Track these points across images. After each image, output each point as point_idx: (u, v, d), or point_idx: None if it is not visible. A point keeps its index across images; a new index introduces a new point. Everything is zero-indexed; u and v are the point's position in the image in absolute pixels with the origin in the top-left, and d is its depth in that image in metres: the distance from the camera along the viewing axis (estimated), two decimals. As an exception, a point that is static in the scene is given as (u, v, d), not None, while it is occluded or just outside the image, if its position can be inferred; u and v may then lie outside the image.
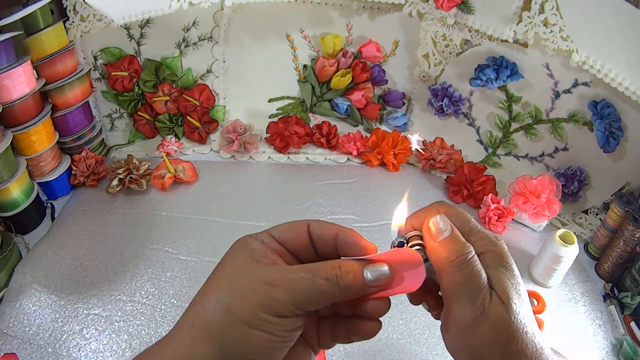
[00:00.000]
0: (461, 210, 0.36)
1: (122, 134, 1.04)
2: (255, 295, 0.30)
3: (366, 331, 0.34)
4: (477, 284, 0.32)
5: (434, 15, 0.92)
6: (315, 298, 0.30)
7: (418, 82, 1.05)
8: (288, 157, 1.04)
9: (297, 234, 0.34)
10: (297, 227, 0.35)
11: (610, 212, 0.78)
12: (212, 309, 0.30)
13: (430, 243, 0.34)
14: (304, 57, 1.07)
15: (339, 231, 0.34)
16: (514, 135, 0.96)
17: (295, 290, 0.30)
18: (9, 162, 0.77)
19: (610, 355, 0.67)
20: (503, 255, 0.33)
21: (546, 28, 0.78)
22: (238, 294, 0.30)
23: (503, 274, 0.32)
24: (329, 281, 0.31)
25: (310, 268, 0.31)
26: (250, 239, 0.34)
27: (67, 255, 0.77)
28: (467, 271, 0.32)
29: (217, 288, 0.31)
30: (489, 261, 0.33)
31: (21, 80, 0.75)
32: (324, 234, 0.34)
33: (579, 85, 0.83)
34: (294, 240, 0.34)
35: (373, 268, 0.32)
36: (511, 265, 0.33)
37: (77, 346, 0.64)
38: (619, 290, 0.75)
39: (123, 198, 0.89)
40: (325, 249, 0.34)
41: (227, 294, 0.30)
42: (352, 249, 0.33)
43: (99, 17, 0.85)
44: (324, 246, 0.34)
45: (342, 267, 0.31)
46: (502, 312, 0.31)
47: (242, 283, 0.30)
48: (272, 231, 0.35)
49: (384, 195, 0.94)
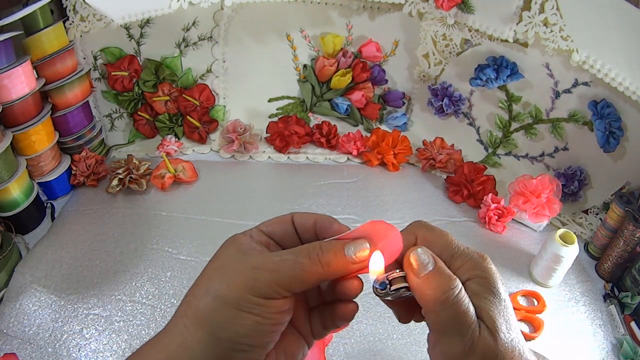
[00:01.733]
0: (441, 231, 0.34)
1: (122, 134, 1.04)
2: (241, 278, 0.31)
3: (344, 312, 0.35)
4: (466, 321, 0.30)
5: (434, 15, 0.92)
6: (300, 277, 0.31)
7: (418, 82, 1.05)
8: (288, 157, 1.04)
9: (282, 225, 0.36)
10: (282, 219, 0.37)
11: (610, 212, 0.78)
12: (202, 295, 0.31)
13: (413, 280, 0.32)
14: (304, 56, 1.07)
15: (317, 218, 0.36)
16: (514, 135, 0.96)
17: (279, 271, 0.31)
18: (9, 162, 0.77)
19: (610, 355, 0.67)
20: (489, 279, 0.32)
21: (546, 28, 0.78)
22: (225, 279, 0.31)
23: (490, 302, 0.31)
24: (311, 260, 0.31)
25: (292, 250, 0.33)
26: (239, 235, 0.36)
27: (67, 255, 0.77)
28: (454, 309, 0.30)
29: (207, 277, 0.33)
30: (475, 288, 0.32)
31: (21, 80, 0.75)
32: (305, 222, 0.36)
33: (579, 85, 0.83)
34: (280, 231, 0.36)
35: (353, 243, 0.33)
36: (498, 289, 0.32)
37: (77, 346, 0.64)
38: (619, 290, 0.75)
39: (123, 198, 0.89)
40: (308, 236, 0.36)
41: (215, 281, 0.32)
42: (329, 232, 0.35)
43: (99, 17, 0.85)
44: (306, 234, 0.36)
45: (322, 247, 0.32)
46: (490, 344, 0.30)
47: (229, 270, 0.32)
48: (260, 226, 0.37)
49: (384, 195, 0.94)
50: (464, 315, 0.30)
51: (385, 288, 0.33)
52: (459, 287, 0.31)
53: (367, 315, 0.70)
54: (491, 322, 0.31)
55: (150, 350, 0.32)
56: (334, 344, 0.65)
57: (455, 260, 0.33)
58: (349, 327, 0.67)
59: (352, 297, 0.35)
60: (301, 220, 0.36)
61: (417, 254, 0.32)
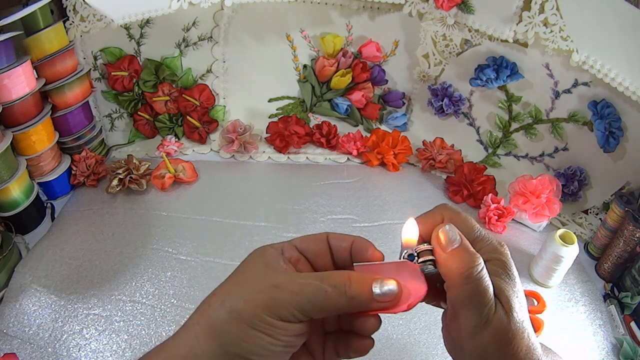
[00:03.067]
0: (466, 215, 0.36)
1: (122, 134, 1.04)
2: (260, 296, 0.30)
3: (359, 347, 0.35)
4: (486, 297, 0.32)
5: (434, 15, 0.92)
6: (320, 305, 0.30)
7: (418, 82, 1.05)
8: (288, 157, 1.04)
9: (317, 243, 0.36)
10: (318, 237, 0.36)
11: (610, 212, 0.78)
12: (217, 307, 0.31)
13: (440, 254, 0.34)
14: (304, 57, 1.07)
15: (354, 240, 0.35)
16: (514, 135, 0.96)
17: (300, 294, 0.30)
18: (9, 162, 0.77)
19: (610, 355, 0.67)
20: (506, 263, 0.34)
21: (546, 28, 0.78)
22: (243, 295, 0.30)
23: (506, 283, 0.33)
24: (336, 289, 0.31)
25: (319, 275, 0.32)
26: (268, 247, 0.35)
27: (67, 255, 0.77)
28: (476, 285, 0.32)
29: (226, 289, 0.32)
30: (494, 269, 0.34)
31: (21, 80, 0.75)
32: (341, 243, 0.35)
33: (579, 85, 0.83)
34: (313, 249, 0.35)
35: (382, 283, 0.32)
36: (513, 273, 0.34)
37: (77, 346, 0.64)
38: (619, 290, 0.75)
39: (123, 198, 0.89)
40: (342, 258, 0.35)
41: (233, 294, 0.31)
42: (364, 256, 0.35)
43: (99, 17, 0.85)
44: (341, 255, 0.35)
45: (351, 278, 0.32)
46: (504, 321, 0.32)
47: (249, 285, 0.31)
48: (294, 240, 0.36)
49: (384, 195, 0.94)
50: (485, 291, 0.32)
51: (413, 260, 0.35)
52: (482, 265, 0.33)
53: (367, 315, 0.70)
54: (507, 302, 0.33)
55: (157, 356, 0.31)
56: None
57: (477, 243, 0.35)
58: (349, 327, 0.67)
59: (369, 333, 0.35)
60: (337, 241, 0.36)
61: (446, 230, 0.34)
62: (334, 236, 0.36)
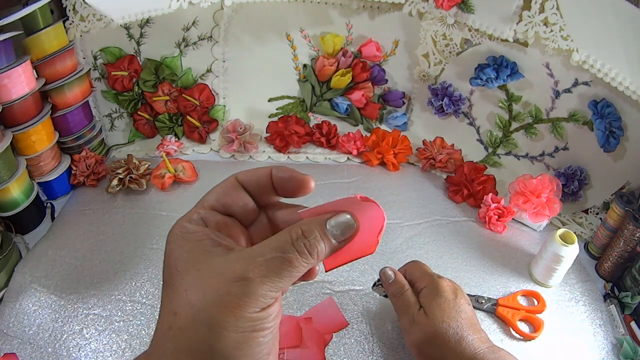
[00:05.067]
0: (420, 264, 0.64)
1: (122, 134, 1.04)
2: (231, 297, 0.26)
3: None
4: (409, 306, 0.58)
5: (434, 14, 0.92)
6: (291, 275, 0.27)
7: (418, 82, 1.05)
8: (288, 157, 1.04)
9: (231, 192, 0.31)
10: (227, 186, 0.32)
11: (611, 212, 0.78)
12: (192, 327, 0.26)
13: (384, 284, 0.63)
14: (304, 56, 1.07)
15: (272, 170, 0.31)
16: (514, 135, 0.96)
17: (268, 276, 0.26)
18: (9, 162, 0.77)
19: (610, 355, 0.67)
20: (437, 287, 0.58)
21: (546, 27, 0.78)
22: (212, 302, 0.26)
23: (431, 299, 0.57)
24: (300, 253, 0.27)
25: (274, 245, 0.27)
26: (185, 223, 0.30)
27: (67, 255, 0.77)
28: (402, 299, 0.60)
29: (185, 300, 0.26)
30: (425, 292, 0.59)
31: (21, 80, 0.75)
32: (258, 180, 0.31)
33: (579, 85, 0.83)
34: (234, 203, 0.31)
35: (335, 220, 0.29)
36: (443, 293, 0.57)
37: (77, 346, 0.64)
38: (619, 290, 0.75)
39: (123, 198, 0.89)
40: (265, 196, 0.32)
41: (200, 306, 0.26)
42: (290, 184, 0.31)
43: (98, 17, 0.85)
44: (263, 194, 0.32)
45: (305, 232, 0.28)
46: (424, 320, 0.55)
47: (209, 286, 0.26)
48: (204, 202, 0.31)
49: (384, 195, 0.93)
50: (408, 302, 0.58)
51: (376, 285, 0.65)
52: (406, 288, 0.60)
53: (367, 315, 0.70)
54: (427, 308, 0.56)
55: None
56: (334, 344, 0.65)
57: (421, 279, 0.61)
58: (349, 327, 0.67)
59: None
60: (251, 178, 0.31)
61: (385, 271, 0.63)
62: (245, 175, 0.32)
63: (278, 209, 0.33)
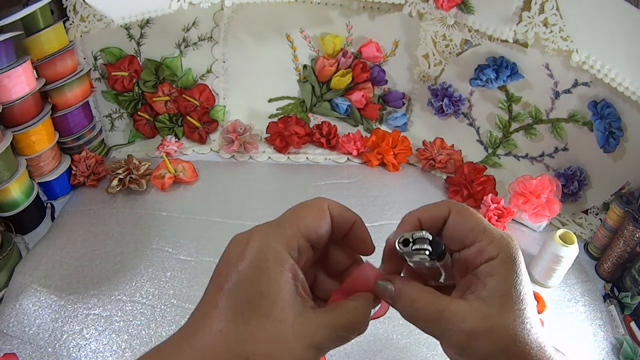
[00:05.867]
0: (472, 210, 0.36)
1: (122, 134, 1.04)
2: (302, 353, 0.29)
3: None
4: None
5: (434, 15, 0.92)
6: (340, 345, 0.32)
7: (418, 82, 1.05)
8: (288, 157, 1.04)
9: (324, 224, 0.33)
10: (323, 216, 0.33)
11: (610, 212, 0.78)
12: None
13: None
14: (304, 57, 1.07)
15: (357, 219, 0.35)
16: (514, 135, 0.96)
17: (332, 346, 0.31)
18: (9, 162, 0.77)
19: (610, 355, 0.67)
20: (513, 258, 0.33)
21: (546, 28, 0.78)
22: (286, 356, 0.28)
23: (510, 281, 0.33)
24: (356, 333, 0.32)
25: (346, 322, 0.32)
26: (280, 247, 0.31)
27: (67, 255, 0.77)
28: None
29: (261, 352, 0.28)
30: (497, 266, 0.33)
31: (21, 80, 0.75)
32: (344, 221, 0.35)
33: (579, 85, 0.83)
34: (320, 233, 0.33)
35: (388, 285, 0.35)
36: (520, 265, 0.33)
37: (77, 346, 0.64)
38: (619, 290, 0.75)
39: (123, 198, 0.89)
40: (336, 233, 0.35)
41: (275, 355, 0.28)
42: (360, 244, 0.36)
43: (99, 17, 0.85)
44: (337, 232, 0.35)
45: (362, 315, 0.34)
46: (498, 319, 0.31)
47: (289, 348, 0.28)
48: (303, 226, 0.32)
49: (384, 195, 0.93)
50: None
51: (408, 245, 0.33)
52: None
53: (367, 315, 0.70)
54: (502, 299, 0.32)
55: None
56: (334, 344, 0.65)
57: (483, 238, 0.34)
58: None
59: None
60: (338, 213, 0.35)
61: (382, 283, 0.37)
62: (337, 211, 0.34)
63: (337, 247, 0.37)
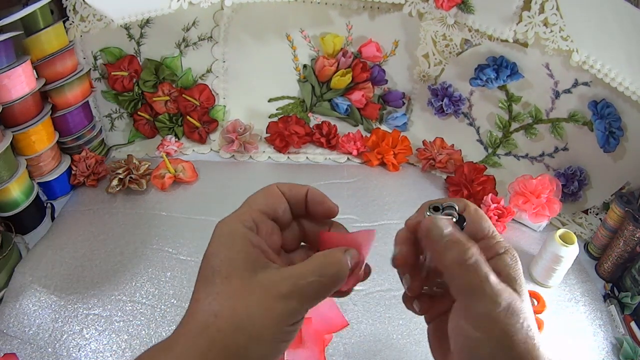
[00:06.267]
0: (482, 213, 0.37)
1: (122, 134, 1.04)
2: (273, 313, 0.29)
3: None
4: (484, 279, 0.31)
5: (434, 15, 0.92)
6: (324, 297, 0.31)
7: (418, 82, 1.05)
8: (288, 157, 1.04)
9: (278, 199, 0.35)
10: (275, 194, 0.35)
11: (610, 212, 0.78)
12: (231, 332, 0.28)
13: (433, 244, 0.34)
14: (304, 57, 1.07)
15: (308, 189, 0.36)
16: (514, 135, 0.96)
17: (306, 295, 0.30)
18: (9, 162, 0.77)
19: (610, 355, 0.67)
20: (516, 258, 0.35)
21: (546, 28, 0.78)
22: (255, 314, 0.29)
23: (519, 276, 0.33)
24: (331, 278, 0.31)
25: (314, 269, 0.31)
26: (237, 224, 0.32)
27: (67, 255, 0.77)
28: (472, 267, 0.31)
29: (228, 305, 0.29)
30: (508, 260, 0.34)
31: (21, 80, 0.75)
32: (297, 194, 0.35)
33: (579, 85, 0.83)
34: (280, 208, 0.35)
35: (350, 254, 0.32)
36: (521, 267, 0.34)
37: (77, 346, 0.64)
38: (619, 290, 0.75)
39: (123, 198, 0.89)
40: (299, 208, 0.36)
41: (243, 314, 0.29)
42: (320, 207, 0.36)
43: (99, 17, 0.85)
44: (296, 207, 0.36)
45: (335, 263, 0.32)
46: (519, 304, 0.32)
47: (254, 298, 0.29)
48: (255, 204, 0.34)
49: (384, 195, 0.93)
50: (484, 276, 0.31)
51: (438, 210, 0.35)
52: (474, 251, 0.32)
53: (367, 315, 0.70)
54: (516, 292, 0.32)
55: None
56: (333, 344, 0.66)
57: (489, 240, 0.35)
58: (349, 327, 0.67)
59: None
60: (287, 190, 0.35)
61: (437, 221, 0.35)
62: (287, 188, 0.35)
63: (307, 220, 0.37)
